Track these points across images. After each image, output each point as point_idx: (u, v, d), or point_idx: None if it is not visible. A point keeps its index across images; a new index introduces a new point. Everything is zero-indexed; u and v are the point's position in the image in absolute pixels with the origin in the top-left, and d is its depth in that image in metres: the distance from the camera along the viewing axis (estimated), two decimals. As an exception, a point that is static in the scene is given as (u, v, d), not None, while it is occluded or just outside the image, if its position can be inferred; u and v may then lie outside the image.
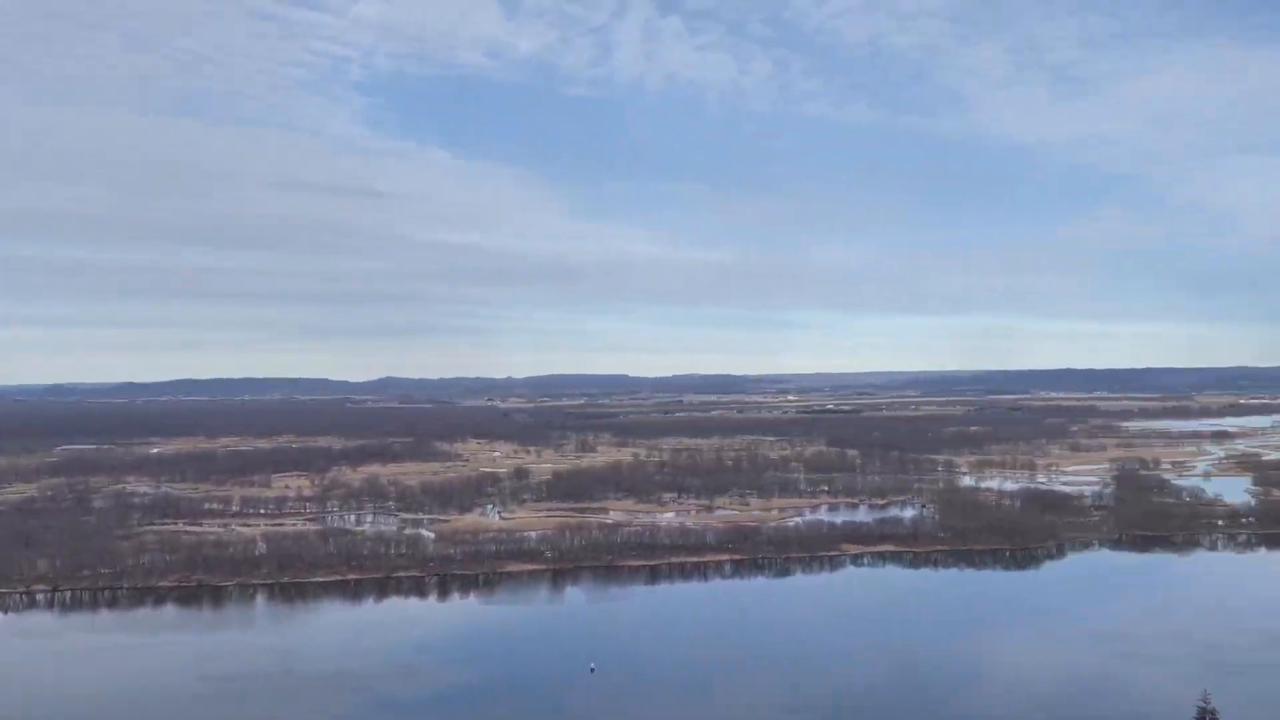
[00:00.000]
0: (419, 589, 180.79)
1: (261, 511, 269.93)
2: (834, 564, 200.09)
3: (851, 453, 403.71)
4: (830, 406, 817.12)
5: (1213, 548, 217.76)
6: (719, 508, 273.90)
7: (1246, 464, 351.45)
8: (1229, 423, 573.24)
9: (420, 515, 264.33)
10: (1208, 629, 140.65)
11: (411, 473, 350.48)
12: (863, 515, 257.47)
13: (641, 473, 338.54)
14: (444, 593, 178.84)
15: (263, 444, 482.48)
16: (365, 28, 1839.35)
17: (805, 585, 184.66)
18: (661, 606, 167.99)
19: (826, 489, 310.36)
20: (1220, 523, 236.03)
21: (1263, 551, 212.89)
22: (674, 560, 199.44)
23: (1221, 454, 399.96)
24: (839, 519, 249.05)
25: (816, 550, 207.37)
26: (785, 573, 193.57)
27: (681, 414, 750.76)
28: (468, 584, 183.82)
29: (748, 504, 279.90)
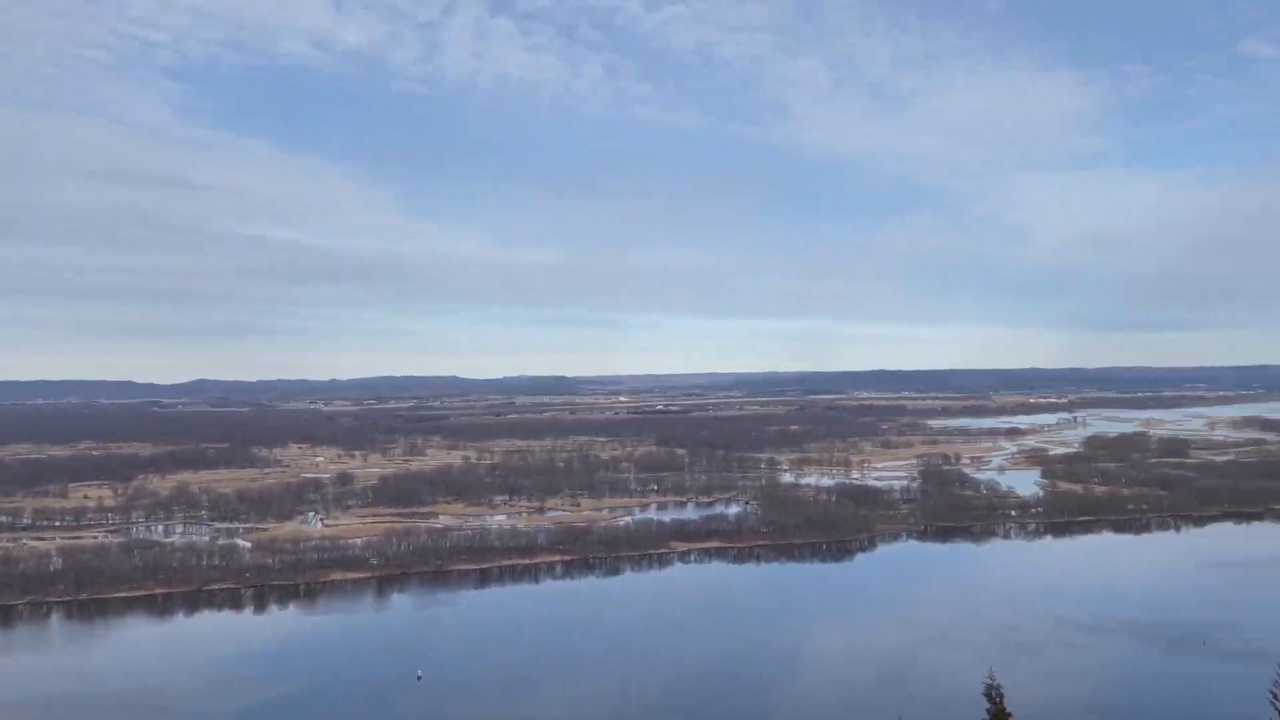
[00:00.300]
0: (234, 601, 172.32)
1: (57, 524, 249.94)
2: (662, 561, 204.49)
3: (680, 452, 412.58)
4: (660, 407, 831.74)
5: (1006, 536, 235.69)
6: (550, 509, 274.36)
7: (1036, 458, 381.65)
8: (1021, 420, 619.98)
9: (236, 524, 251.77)
10: (1002, 611, 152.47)
11: (226, 480, 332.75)
12: (690, 513, 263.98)
13: (472, 475, 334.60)
14: (261, 604, 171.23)
15: (58, 451, 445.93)
16: (178, 10, 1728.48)
17: (634, 583, 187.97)
18: (491, 610, 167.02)
19: (656, 488, 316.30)
20: (1013, 513, 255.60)
21: (1049, 539, 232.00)
22: (505, 563, 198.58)
23: (1014, 449, 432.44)
24: (667, 517, 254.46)
25: (646, 549, 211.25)
26: (615, 571, 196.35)
27: (513, 415, 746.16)
28: (287, 594, 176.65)
29: (579, 505, 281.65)
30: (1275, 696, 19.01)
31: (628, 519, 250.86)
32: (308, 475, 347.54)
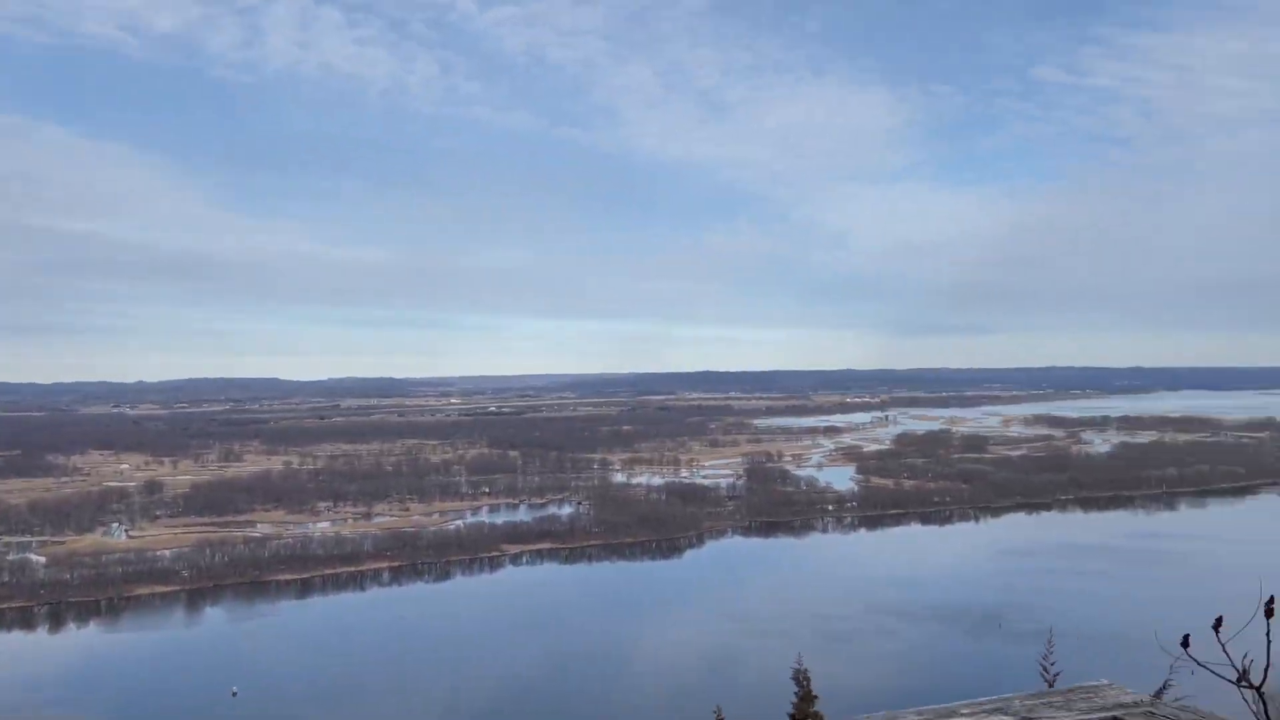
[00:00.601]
0: (26, 621, 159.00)
1: None
2: (494, 564, 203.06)
3: (513, 454, 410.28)
4: (493, 408, 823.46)
5: (824, 530, 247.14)
6: (378, 514, 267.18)
7: (851, 455, 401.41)
8: (838, 419, 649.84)
9: (28, 538, 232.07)
10: (819, 601, 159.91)
11: (17, 490, 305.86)
12: (522, 515, 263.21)
13: (293, 481, 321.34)
14: (58, 623, 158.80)
15: None
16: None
17: (465, 587, 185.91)
18: (314, 621, 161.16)
19: (488, 490, 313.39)
20: (830, 507, 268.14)
21: (864, 532, 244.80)
22: (329, 571, 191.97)
23: (832, 447, 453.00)
24: (499, 519, 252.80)
25: (477, 552, 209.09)
26: (445, 576, 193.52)
27: (339, 418, 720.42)
28: (88, 612, 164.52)
29: (408, 509, 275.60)
30: (1044, 669, 21.33)
31: (459, 522, 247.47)
32: (111, 484, 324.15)
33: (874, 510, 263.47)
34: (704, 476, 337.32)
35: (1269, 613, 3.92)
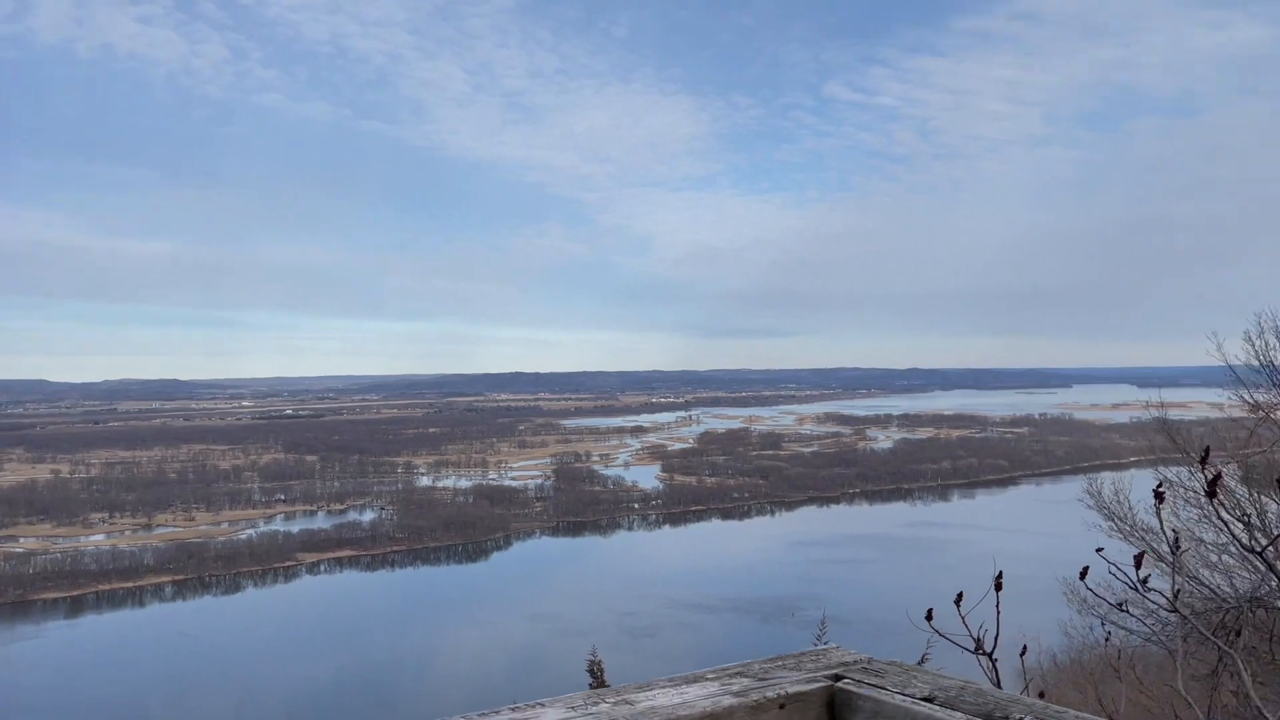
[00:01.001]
0: None
1: None
2: (289, 575, 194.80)
3: (311, 458, 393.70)
4: (289, 411, 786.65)
5: (630, 528, 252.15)
6: (160, 525, 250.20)
7: (657, 454, 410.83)
8: (644, 419, 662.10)
9: None
10: (621, 599, 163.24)
11: None
12: (321, 522, 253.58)
13: (63, 491, 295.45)
14: None
15: None
16: None
17: (257, 600, 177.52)
18: (86, 642, 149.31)
19: (283, 498, 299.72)
20: (636, 506, 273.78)
21: (668, 528, 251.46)
22: (103, 588, 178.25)
23: (639, 446, 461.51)
24: (295, 528, 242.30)
25: (270, 562, 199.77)
26: (235, 589, 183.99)
27: (116, 423, 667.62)
28: None
29: (193, 519, 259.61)
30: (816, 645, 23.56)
31: (250, 532, 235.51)
32: None
33: (677, 507, 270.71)
34: (512, 478, 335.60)
35: (998, 586, 4.87)
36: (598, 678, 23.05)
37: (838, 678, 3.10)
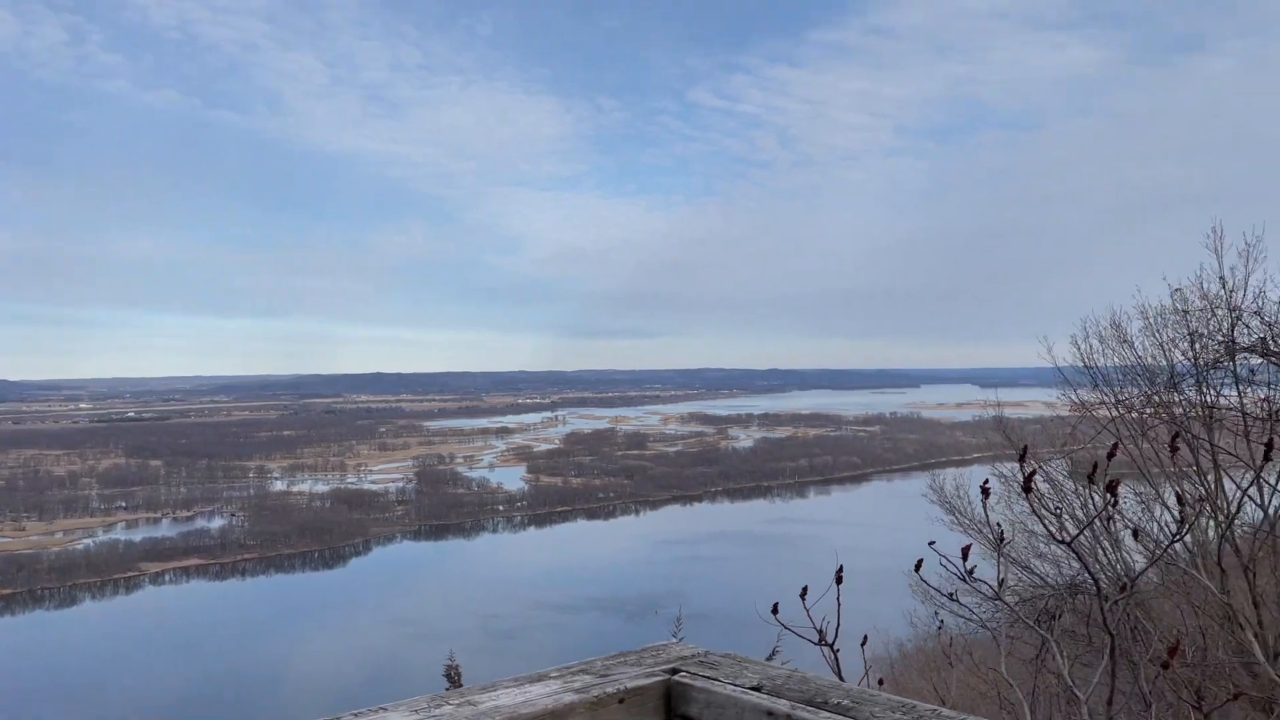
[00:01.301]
0: None
1: None
2: (131, 586, 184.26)
3: (155, 463, 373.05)
4: (131, 414, 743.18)
5: (495, 530, 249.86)
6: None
7: (523, 455, 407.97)
8: (510, 419, 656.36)
9: None
10: (485, 602, 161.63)
11: None
12: (166, 530, 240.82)
13: None
14: None
15: None
16: None
17: (95, 613, 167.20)
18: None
19: (125, 505, 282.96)
20: (501, 507, 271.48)
21: (533, 530, 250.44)
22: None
23: (504, 447, 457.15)
24: (138, 536, 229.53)
25: (110, 574, 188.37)
26: (71, 602, 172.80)
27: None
28: None
29: (23, 529, 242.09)
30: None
31: (88, 541, 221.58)
32: None
33: (543, 508, 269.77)
34: (372, 481, 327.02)
35: (838, 580, 5.14)
36: (454, 681, 22.81)
37: (675, 671, 3.24)
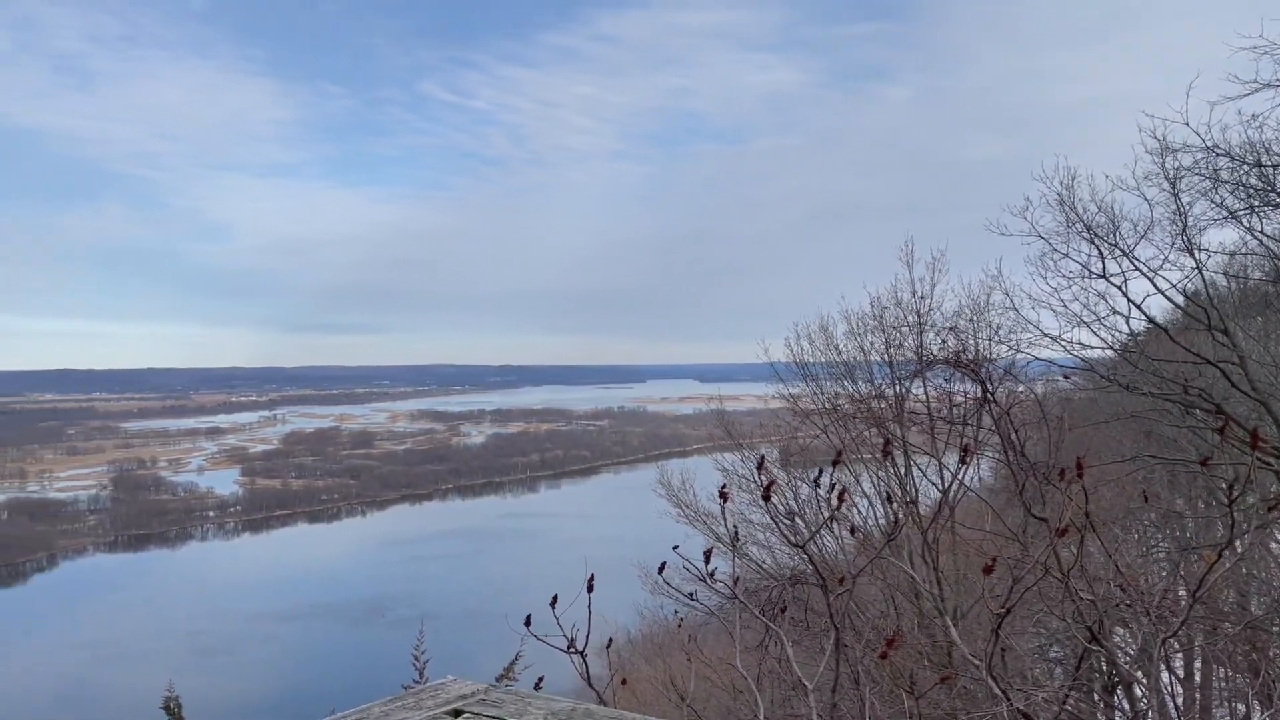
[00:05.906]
0: None
1: None
2: None
3: None
4: None
5: (204, 538, 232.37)
6: None
7: (236, 457, 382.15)
8: (222, 419, 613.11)
9: None
10: (194, 617, 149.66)
11: None
12: None
13: None
14: None
15: None
16: None
17: None
18: None
19: None
20: (212, 514, 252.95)
21: (247, 536, 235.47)
22: None
23: (215, 449, 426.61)
24: None
25: None
26: None
27: None
28: None
29: None
30: (415, 658, 23.25)
31: None
32: None
33: (260, 513, 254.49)
34: (59, 489, 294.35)
35: (589, 588, 5.20)
36: (175, 715, 20.99)
37: (458, 713, 3.16)
